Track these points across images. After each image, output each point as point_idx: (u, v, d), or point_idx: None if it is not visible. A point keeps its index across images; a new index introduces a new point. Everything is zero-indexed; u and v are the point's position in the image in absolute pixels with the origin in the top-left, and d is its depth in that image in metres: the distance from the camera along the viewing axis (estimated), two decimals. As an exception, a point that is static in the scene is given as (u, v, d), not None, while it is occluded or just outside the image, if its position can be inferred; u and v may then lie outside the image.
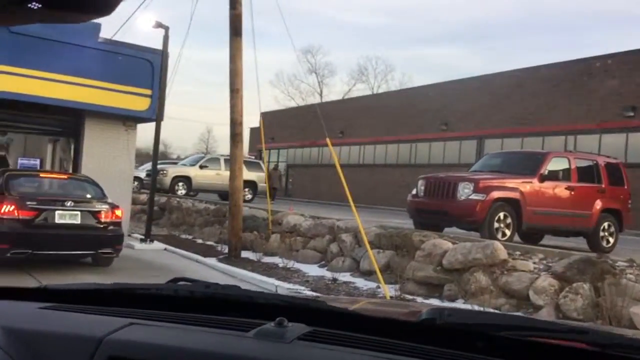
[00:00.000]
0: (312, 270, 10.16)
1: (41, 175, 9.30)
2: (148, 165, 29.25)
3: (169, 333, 1.26)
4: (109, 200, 9.18)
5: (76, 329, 1.31)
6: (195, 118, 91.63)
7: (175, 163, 26.79)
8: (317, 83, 61.36)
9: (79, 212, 8.39)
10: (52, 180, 9.34)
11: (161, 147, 68.43)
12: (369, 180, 31.54)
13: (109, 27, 14.07)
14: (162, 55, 13.01)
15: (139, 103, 13.91)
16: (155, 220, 17.95)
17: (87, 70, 13.19)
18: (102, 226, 8.60)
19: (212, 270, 9.93)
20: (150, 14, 12.65)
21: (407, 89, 39.56)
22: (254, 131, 41.57)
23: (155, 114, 14.00)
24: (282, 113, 44.07)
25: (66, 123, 14.68)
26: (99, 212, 8.61)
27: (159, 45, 13.48)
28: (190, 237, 14.70)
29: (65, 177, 9.69)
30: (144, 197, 19.88)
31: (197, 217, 15.47)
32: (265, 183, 14.54)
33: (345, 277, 9.47)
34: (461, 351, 1.13)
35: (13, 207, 7.92)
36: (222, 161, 22.49)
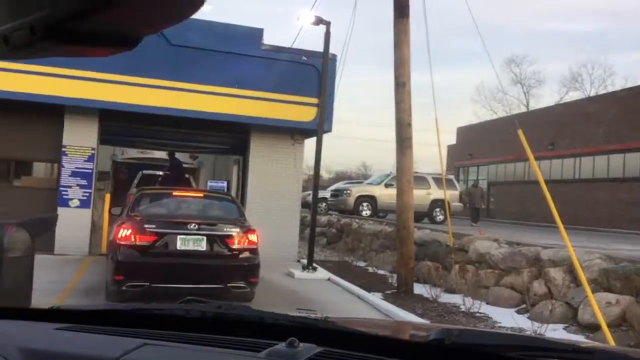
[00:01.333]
0: (506, 317, 7.48)
1: (174, 194, 8.14)
2: (337, 185, 28.38)
3: (182, 353, 1.29)
4: (246, 223, 7.60)
5: (91, 349, 1.34)
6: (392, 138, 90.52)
7: (361, 182, 25.35)
8: (523, 94, 56.09)
9: (204, 237, 6.92)
10: (185, 199, 8.10)
11: (361, 169, 67.88)
12: (587, 197, 26.78)
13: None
14: (324, 55, 11.39)
15: (305, 113, 12.49)
16: (332, 244, 16.48)
17: (251, 81, 12.15)
18: (232, 254, 7.02)
19: (373, 311, 7.81)
20: (310, 13, 11.09)
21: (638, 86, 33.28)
22: (452, 149, 38.74)
23: (327, 126, 12.45)
24: (481, 127, 40.45)
25: (233, 140, 13.87)
26: (229, 236, 7.05)
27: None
28: (364, 264, 12.76)
29: (201, 195, 8.41)
30: (324, 219, 18.58)
31: (373, 241, 13.50)
32: (445, 201, 12.00)
33: (556, 330, 6.67)
34: None
35: (130, 231, 6.71)
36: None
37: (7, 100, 10.94)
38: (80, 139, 11.98)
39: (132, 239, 6.71)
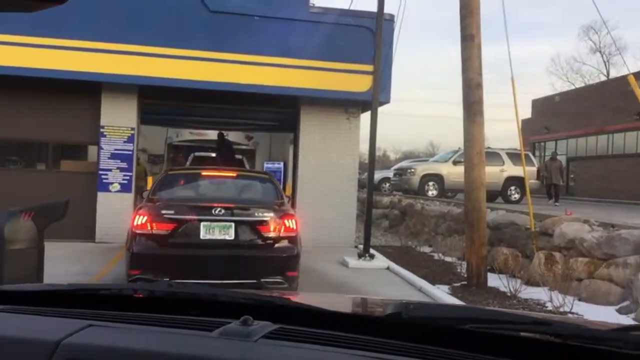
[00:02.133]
0: (605, 317, 5.98)
1: (203, 174, 7.08)
2: (401, 163, 26.85)
3: (129, 335, 1.23)
4: (284, 206, 6.44)
5: (32, 332, 1.27)
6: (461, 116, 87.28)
7: (427, 160, 23.74)
8: (603, 63, 52.08)
9: (232, 224, 5.82)
10: (215, 180, 7.02)
11: (429, 148, 65.83)
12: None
13: None
14: (377, 14, 10.00)
15: (359, 83, 11.17)
16: (394, 227, 15.15)
17: (298, 48, 10.94)
18: (266, 243, 5.88)
19: (437, 309, 6.49)
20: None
21: None
22: (526, 123, 36.16)
23: (383, 96, 11.10)
24: (558, 98, 37.63)
25: (282, 115, 12.74)
26: (262, 222, 5.91)
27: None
28: (429, 249, 11.39)
29: (234, 174, 7.27)
30: (387, 199, 17.25)
31: (439, 223, 12.09)
32: (525, 178, 10.37)
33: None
34: (426, 345, 1.14)
35: (146, 218, 5.70)
36: (480, 155, 18.66)
37: (39, 79, 10.25)
38: (118, 119, 11.19)
39: (149, 227, 5.71)
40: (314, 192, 11.70)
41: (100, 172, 11.11)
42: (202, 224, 5.79)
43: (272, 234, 5.93)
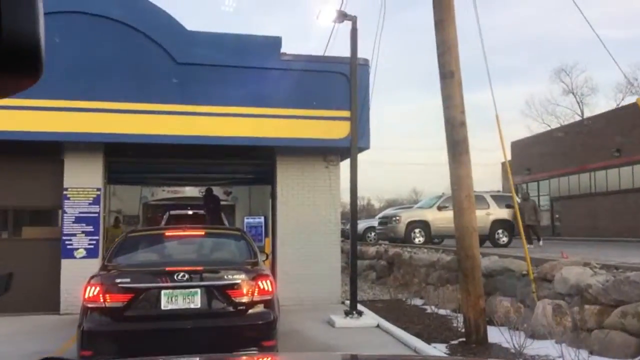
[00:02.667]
0: (626, 374, 5.31)
1: (167, 234, 6.42)
2: (385, 211, 26.27)
3: None
4: (258, 265, 5.76)
5: None
6: (443, 161, 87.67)
7: (411, 207, 23.21)
8: (577, 103, 52.82)
9: (197, 290, 5.13)
10: (180, 240, 6.34)
11: (412, 195, 65.60)
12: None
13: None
14: (351, 57, 9.61)
15: (337, 129, 10.68)
16: (382, 278, 14.43)
17: (272, 97, 10.47)
18: (237, 310, 5.18)
19: (436, 374, 5.76)
20: (328, 8, 9.32)
21: None
22: (505, 166, 36.07)
23: (363, 142, 10.60)
24: (536, 139, 37.66)
25: (258, 167, 12.17)
26: (233, 286, 5.22)
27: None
28: (421, 302, 10.68)
29: (201, 233, 6.62)
30: (373, 250, 16.56)
31: (429, 273, 11.42)
32: (517, 219, 9.80)
33: None
34: None
35: (98, 289, 4.99)
36: (465, 198, 18.20)
37: (-3, 141, 9.61)
38: (83, 180, 10.50)
39: (101, 300, 4.99)
40: (295, 246, 11.03)
41: (64, 237, 10.33)
42: (162, 291, 5.08)
43: (244, 299, 5.23)
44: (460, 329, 7.59)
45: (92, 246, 10.39)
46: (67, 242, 10.35)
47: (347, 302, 10.74)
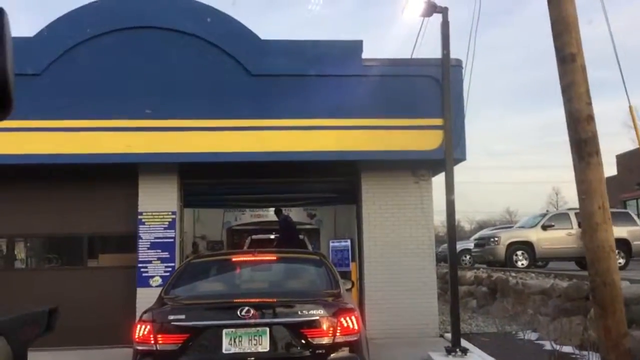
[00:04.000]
0: None
1: (234, 260, 5.50)
2: (481, 232, 24.45)
3: None
4: (342, 297, 4.69)
5: None
6: (538, 179, 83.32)
7: (510, 227, 21.35)
8: (689, 109, 48.06)
9: (266, 329, 4.13)
10: (249, 267, 5.39)
11: (505, 215, 62.49)
12: None
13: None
14: (443, 56, 8.46)
15: (427, 140, 9.51)
16: (483, 306, 12.89)
17: (352, 106, 9.49)
18: (314, 354, 4.13)
19: None
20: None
21: None
22: (612, 181, 32.98)
23: (458, 153, 9.35)
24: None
25: (341, 185, 11.16)
26: (309, 324, 4.19)
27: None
28: (535, 336, 9.15)
29: (274, 258, 5.63)
30: (470, 274, 15.04)
31: (542, 302, 9.86)
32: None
33: None
34: None
35: (148, 328, 4.12)
36: (572, 216, 16.34)
37: (68, 165, 9.23)
38: (158, 203, 9.93)
39: (152, 341, 4.11)
40: (384, 272, 9.88)
41: (140, 264, 9.76)
42: (224, 331, 4.13)
43: (324, 340, 4.18)
44: (593, 372, 6.13)
45: (168, 274, 9.70)
46: (142, 270, 9.77)
47: (447, 335, 9.43)
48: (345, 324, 4.25)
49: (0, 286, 9.56)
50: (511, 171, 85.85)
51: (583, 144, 5.59)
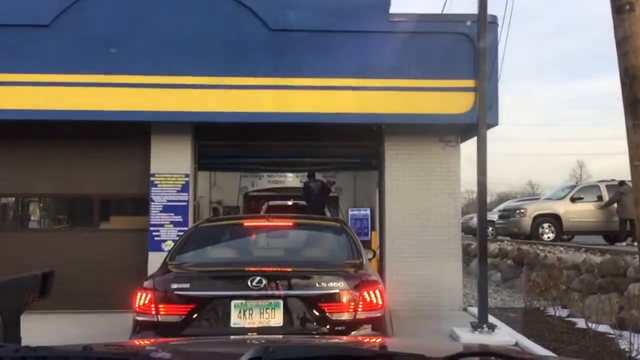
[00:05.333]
0: None
1: (247, 224, 5.03)
2: (505, 204, 23.77)
3: None
4: (364, 269, 4.20)
5: None
6: (562, 151, 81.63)
7: (536, 199, 20.67)
8: None
9: (279, 302, 3.68)
10: (263, 233, 4.92)
11: (527, 188, 61.52)
12: None
13: None
14: (479, 11, 7.77)
15: (457, 102, 8.91)
16: (508, 280, 12.39)
17: (377, 65, 8.89)
18: (333, 332, 3.68)
19: None
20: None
21: None
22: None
23: (491, 117, 8.69)
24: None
25: (363, 150, 10.62)
26: (328, 297, 3.73)
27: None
28: (566, 312, 8.64)
29: (290, 223, 5.14)
30: (494, 247, 14.50)
31: (572, 277, 9.32)
32: None
33: None
34: None
35: (149, 296, 3.69)
36: (603, 189, 15.64)
37: (77, 122, 8.82)
38: (171, 165, 9.50)
39: (153, 311, 3.67)
40: (407, 242, 9.39)
41: (151, 228, 9.39)
42: (233, 302, 3.68)
43: (344, 316, 3.71)
44: (628, 353, 5.63)
45: (180, 238, 9.37)
46: (154, 233, 9.40)
47: (470, 309, 8.98)
48: (369, 299, 3.78)
49: (11, 247, 9.29)
50: (535, 143, 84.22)
51: (637, 105, 4.98)
